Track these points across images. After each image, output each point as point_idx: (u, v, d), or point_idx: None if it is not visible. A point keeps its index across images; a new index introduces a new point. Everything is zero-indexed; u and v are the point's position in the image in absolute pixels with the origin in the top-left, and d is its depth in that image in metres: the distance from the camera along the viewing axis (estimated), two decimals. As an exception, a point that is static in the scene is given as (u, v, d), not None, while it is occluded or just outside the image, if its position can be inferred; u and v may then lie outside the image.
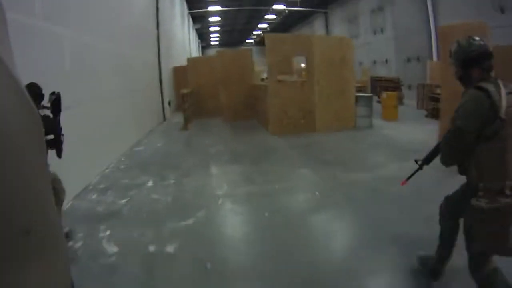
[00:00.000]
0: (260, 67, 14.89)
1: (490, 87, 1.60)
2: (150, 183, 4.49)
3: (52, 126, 2.27)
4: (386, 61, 15.64)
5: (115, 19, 6.16)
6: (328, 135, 7.05)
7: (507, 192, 1.57)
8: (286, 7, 20.65)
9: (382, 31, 15.71)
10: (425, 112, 9.29)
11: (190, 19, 22.53)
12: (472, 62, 1.72)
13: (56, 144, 2.29)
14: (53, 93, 2.38)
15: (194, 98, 10.23)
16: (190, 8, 20.48)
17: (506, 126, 1.57)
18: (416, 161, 2.08)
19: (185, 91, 9.00)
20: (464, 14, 10.10)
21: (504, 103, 1.56)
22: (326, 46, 7.39)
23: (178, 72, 12.24)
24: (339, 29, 20.76)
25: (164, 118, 10.12)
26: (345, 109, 7.63)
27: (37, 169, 0.42)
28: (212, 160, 5.61)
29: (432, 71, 11.02)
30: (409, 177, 2.12)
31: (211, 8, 20.09)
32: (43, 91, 2.36)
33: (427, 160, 2.02)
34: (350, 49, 7.77)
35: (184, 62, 11.68)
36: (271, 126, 7.39)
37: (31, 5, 3.34)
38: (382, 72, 15.36)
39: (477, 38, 1.75)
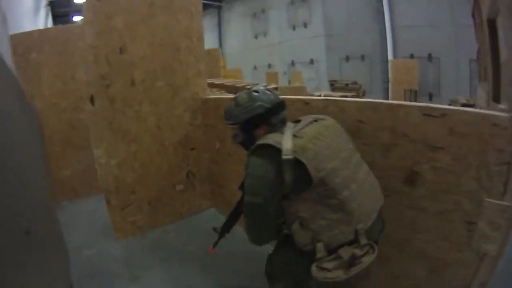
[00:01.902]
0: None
1: (271, 140, 1.15)
2: None
3: None
4: (312, 61, 13.50)
5: None
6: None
7: (362, 240, 1.09)
8: None
9: (305, 26, 13.43)
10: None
11: (50, 17, 14.48)
12: (257, 122, 1.28)
13: None
14: None
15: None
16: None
17: (321, 162, 1.11)
18: (214, 229, 1.69)
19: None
20: (431, 7, 8.52)
21: (288, 143, 1.13)
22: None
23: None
24: (238, 26, 17.46)
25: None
26: None
27: (38, 170, 0.38)
28: None
29: (398, 72, 9.16)
30: (215, 245, 1.69)
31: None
32: None
33: (226, 228, 1.63)
34: None
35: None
36: None
37: None
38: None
39: (261, 90, 1.32)
